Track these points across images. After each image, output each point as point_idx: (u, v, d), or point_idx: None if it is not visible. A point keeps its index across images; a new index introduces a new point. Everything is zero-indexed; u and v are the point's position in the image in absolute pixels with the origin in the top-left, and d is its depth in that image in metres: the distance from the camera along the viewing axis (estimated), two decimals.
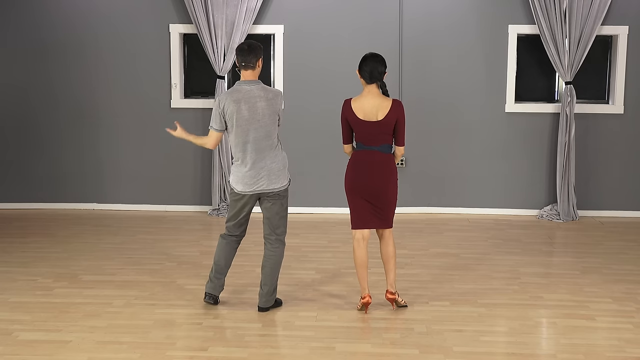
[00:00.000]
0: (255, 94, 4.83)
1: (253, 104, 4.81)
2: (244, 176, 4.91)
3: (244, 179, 4.91)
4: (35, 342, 4.52)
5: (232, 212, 5.08)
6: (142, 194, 8.54)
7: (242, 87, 4.87)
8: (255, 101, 4.82)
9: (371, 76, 4.88)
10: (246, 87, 4.86)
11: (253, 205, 5.04)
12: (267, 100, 4.84)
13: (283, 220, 5.04)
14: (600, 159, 8.30)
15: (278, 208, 4.98)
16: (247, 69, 4.88)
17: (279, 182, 4.93)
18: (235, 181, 4.96)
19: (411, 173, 8.34)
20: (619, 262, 6.40)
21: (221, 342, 4.59)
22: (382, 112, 4.85)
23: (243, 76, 4.90)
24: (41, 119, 8.49)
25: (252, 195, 4.95)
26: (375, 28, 8.19)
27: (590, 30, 7.94)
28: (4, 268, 6.11)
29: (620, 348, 4.49)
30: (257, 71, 4.91)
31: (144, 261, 6.36)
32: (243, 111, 4.80)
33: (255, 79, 4.91)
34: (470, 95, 8.27)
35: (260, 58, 4.91)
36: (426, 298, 5.37)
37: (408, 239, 7.16)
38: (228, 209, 5.15)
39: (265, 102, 4.83)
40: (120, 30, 8.35)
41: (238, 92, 4.85)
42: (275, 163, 4.91)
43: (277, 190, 4.93)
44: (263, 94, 4.84)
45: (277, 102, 4.88)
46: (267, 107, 4.83)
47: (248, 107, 4.81)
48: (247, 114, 4.81)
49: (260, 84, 4.90)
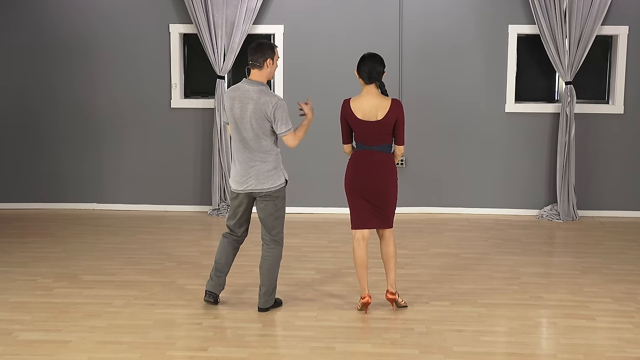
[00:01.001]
0: (249, 95, 4.81)
1: (245, 105, 4.81)
2: (235, 174, 4.97)
3: (235, 176, 4.97)
4: (35, 342, 4.52)
5: (230, 211, 5.13)
6: (142, 194, 8.54)
7: (243, 86, 4.87)
8: (247, 102, 4.81)
9: (370, 76, 4.87)
10: (246, 86, 4.86)
11: (250, 205, 5.04)
12: (257, 104, 4.78)
13: (278, 221, 5.00)
14: (600, 159, 8.30)
15: (271, 209, 4.95)
16: (254, 68, 4.86)
17: (269, 183, 4.90)
18: (231, 179, 5.03)
19: (411, 173, 8.34)
20: (619, 262, 6.40)
21: (221, 342, 4.59)
22: (381, 112, 4.85)
23: (250, 75, 4.89)
24: (41, 118, 8.49)
25: (247, 195, 4.97)
26: (375, 28, 8.19)
27: (590, 30, 7.94)
28: (4, 268, 6.10)
29: (620, 348, 4.49)
30: (264, 71, 4.85)
31: (144, 261, 6.36)
32: (235, 109, 4.84)
33: (261, 80, 4.86)
34: (470, 95, 8.27)
35: (269, 58, 4.84)
36: (426, 298, 5.37)
37: (408, 239, 7.16)
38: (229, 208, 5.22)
39: (253, 105, 4.79)
40: (120, 30, 8.35)
41: (237, 90, 4.88)
42: (265, 164, 4.88)
43: (267, 191, 4.90)
44: (256, 97, 4.80)
45: (267, 107, 4.77)
46: (255, 111, 4.78)
47: (240, 106, 4.82)
48: (238, 112, 4.83)
49: (262, 86, 4.84)
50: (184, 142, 8.47)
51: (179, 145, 8.47)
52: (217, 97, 8.17)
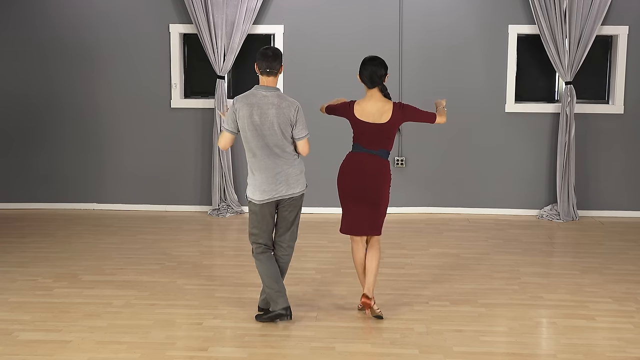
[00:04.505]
0: (269, 101, 4.72)
1: (265, 111, 4.70)
2: (260, 183, 4.76)
3: (261, 185, 4.75)
4: (35, 342, 4.52)
5: (256, 226, 4.85)
6: (142, 194, 8.54)
7: (259, 92, 4.75)
8: (268, 108, 4.71)
9: (371, 81, 4.84)
10: (263, 92, 4.75)
11: (274, 212, 4.87)
12: (280, 108, 4.72)
13: (298, 225, 4.96)
14: (600, 159, 8.30)
15: (295, 213, 4.89)
16: (270, 75, 4.77)
17: (298, 187, 4.82)
18: (252, 191, 4.81)
19: (411, 173, 8.34)
20: (619, 262, 6.40)
21: (221, 342, 4.59)
22: (385, 116, 4.83)
23: (263, 81, 4.78)
24: (41, 118, 8.49)
25: (273, 202, 4.80)
26: (375, 28, 8.19)
27: (590, 30, 7.94)
28: (4, 268, 6.10)
29: (620, 348, 4.49)
30: (277, 78, 4.82)
31: (144, 261, 6.36)
32: (254, 116, 4.69)
33: (275, 86, 4.81)
34: (470, 95, 8.27)
35: (282, 65, 4.82)
36: (426, 298, 5.37)
37: (408, 239, 7.16)
38: (249, 224, 4.90)
39: (276, 110, 4.71)
40: (120, 30, 8.34)
41: (253, 97, 4.74)
42: (293, 168, 4.80)
43: (296, 195, 4.83)
44: (277, 102, 4.73)
45: (290, 111, 4.74)
46: (278, 116, 4.71)
47: (260, 112, 4.70)
48: (258, 119, 4.69)
49: (278, 91, 4.79)
50: (184, 142, 8.47)
51: (179, 145, 8.47)
52: (217, 97, 8.17)
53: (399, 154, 8.27)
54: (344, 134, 5.36)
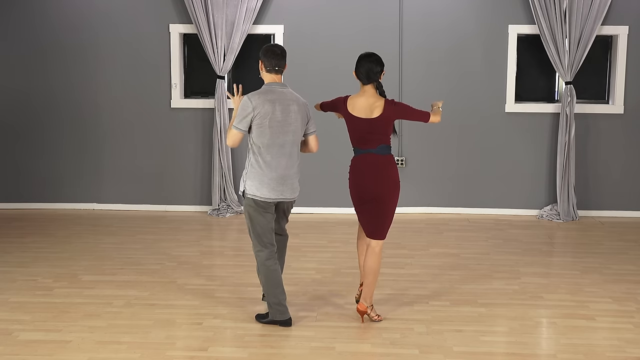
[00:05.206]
0: (288, 97, 4.70)
1: (286, 107, 4.66)
2: (270, 180, 4.64)
3: (270, 183, 4.65)
4: (35, 342, 4.52)
5: (258, 223, 4.70)
6: (142, 194, 8.54)
7: (275, 88, 4.70)
8: (289, 104, 4.67)
9: (367, 77, 4.81)
10: (279, 89, 4.71)
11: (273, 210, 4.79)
12: (299, 105, 4.72)
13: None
14: (600, 159, 8.30)
15: (288, 214, 4.93)
16: (278, 73, 4.76)
17: (297, 191, 4.84)
18: (259, 187, 4.65)
19: (411, 173, 8.34)
20: (619, 262, 6.40)
21: (221, 342, 4.59)
22: (377, 111, 4.78)
23: (272, 79, 4.74)
24: (41, 118, 8.49)
25: (273, 203, 4.72)
26: (375, 28, 8.19)
27: (590, 30, 7.93)
28: (4, 268, 6.10)
29: (620, 348, 4.49)
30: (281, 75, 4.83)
31: (144, 261, 6.36)
32: (277, 112, 4.63)
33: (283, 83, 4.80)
34: (470, 95, 8.27)
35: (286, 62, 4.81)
36: (426, 298, 5.37)
37: (408, 239, 7.16)
38: (250, 226, 4.75)
39: (297, 107, 4.70)
40: (120, 30, 8.34)
41: (272, 93, 4.67)
42: (296, 172, 4.79)
43: (295, 198, 4.84)
44: (295, 98, 4.73)
45: (306, 107, 4.78)
46: (299, 112, 4.70)
47: (282, 109, 4.64)
48: (280, 116, 4.63)
49: (290, 88, 4.80)
50: (184, 142, 8.47)
51: (179, 145, 8.47)
52: (217, 97, 8.16)
53: (399, 154, 8.27)
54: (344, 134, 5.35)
